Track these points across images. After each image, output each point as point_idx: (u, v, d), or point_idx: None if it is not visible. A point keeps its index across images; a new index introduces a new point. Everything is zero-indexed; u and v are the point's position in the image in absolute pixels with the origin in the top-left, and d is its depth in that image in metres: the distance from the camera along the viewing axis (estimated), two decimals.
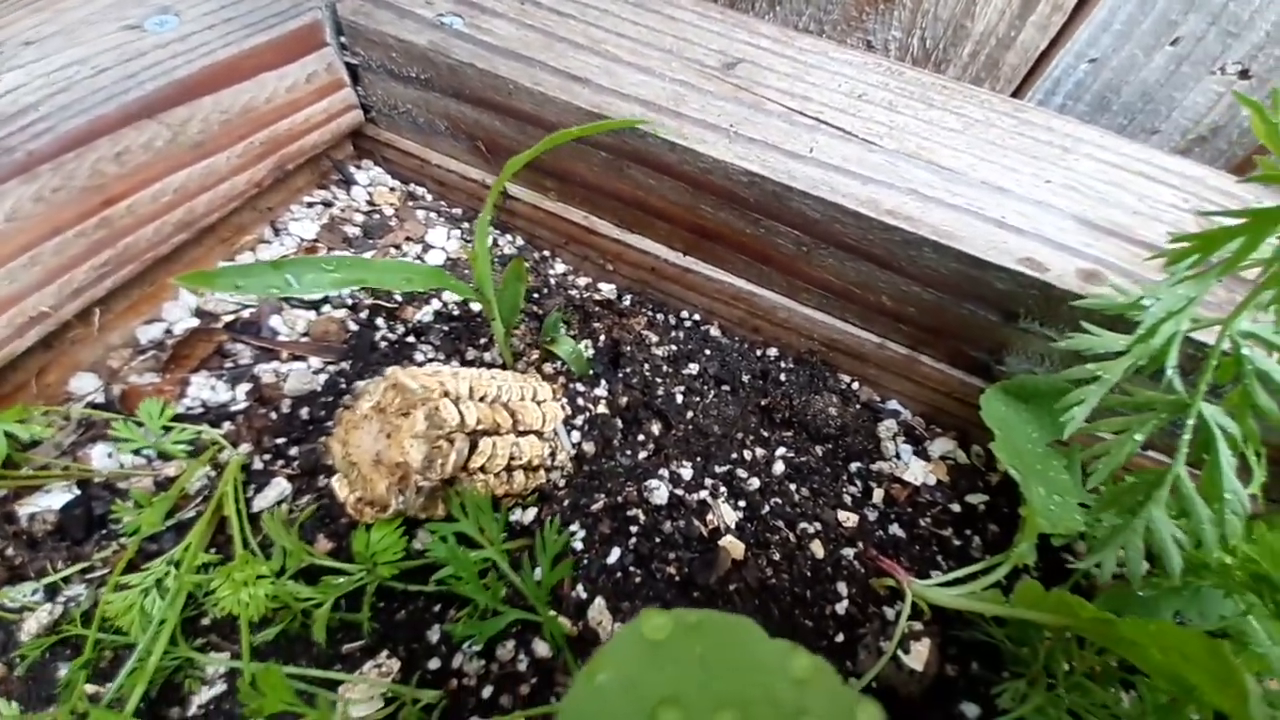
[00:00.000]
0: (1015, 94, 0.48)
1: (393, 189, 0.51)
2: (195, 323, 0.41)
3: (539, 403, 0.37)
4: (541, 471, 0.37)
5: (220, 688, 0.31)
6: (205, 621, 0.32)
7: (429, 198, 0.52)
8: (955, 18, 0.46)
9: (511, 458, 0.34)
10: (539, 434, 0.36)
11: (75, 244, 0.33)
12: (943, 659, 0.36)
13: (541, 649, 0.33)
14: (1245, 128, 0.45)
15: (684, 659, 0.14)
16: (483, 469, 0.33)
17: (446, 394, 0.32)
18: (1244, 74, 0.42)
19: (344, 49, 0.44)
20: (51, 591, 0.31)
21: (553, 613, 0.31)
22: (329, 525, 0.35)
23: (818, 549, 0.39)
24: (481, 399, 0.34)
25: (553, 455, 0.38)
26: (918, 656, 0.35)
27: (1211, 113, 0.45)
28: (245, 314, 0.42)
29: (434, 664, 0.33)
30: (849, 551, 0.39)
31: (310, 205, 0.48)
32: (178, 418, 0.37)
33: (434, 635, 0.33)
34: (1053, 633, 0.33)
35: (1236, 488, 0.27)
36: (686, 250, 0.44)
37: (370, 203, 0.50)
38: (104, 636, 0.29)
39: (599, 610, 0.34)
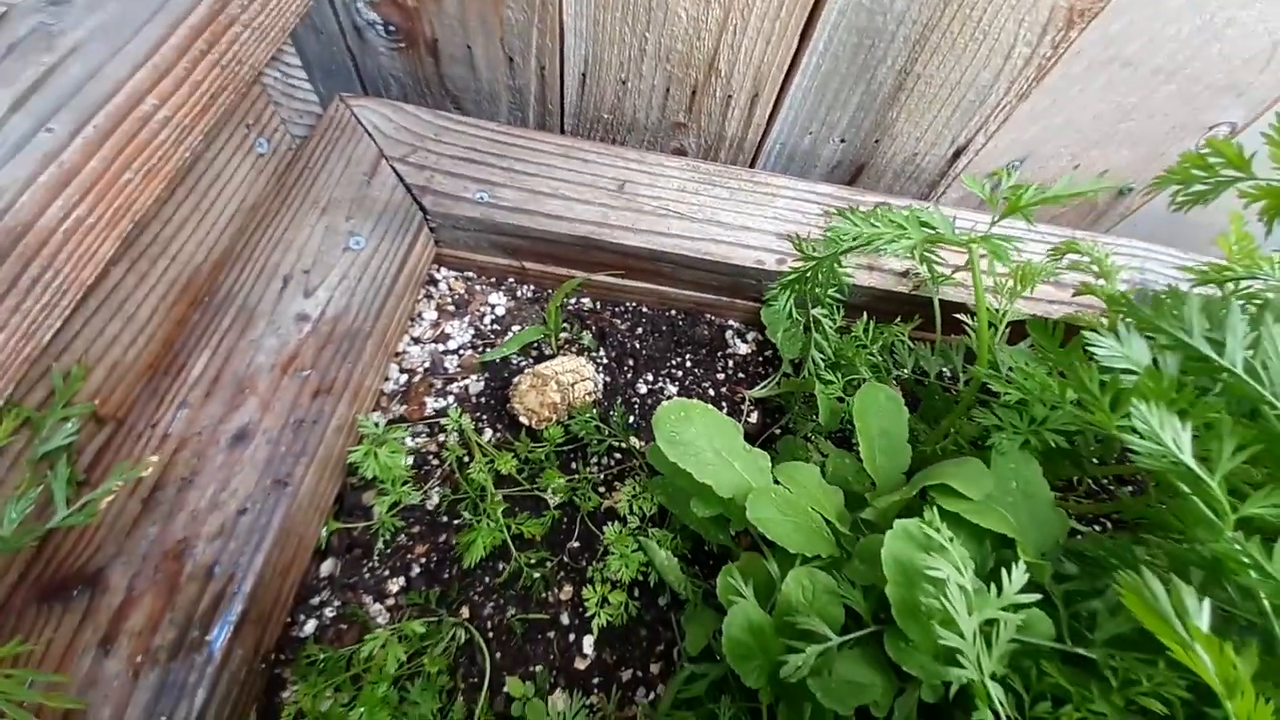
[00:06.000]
0: (754, 159, 0.99)
1: (457, 276, 0.94)
2: (405, 376, 0.85)
3: (583, 368, 0.87)
4: (593, 394, 0.87)
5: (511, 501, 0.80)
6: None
7: (474, 275, 0.95)
8: (719, 130, 0.95)
9: (585, 391, 0.84)
10: (589, 380, 0.86)
11: (377, 382, 0.76)
12: (764, 415, 0.92)
13: (618, 455, 0.85)
14: (851, 160, 0.99)
15: (677, 414, 0.65)
16: (576, 397, 0.82)
17: (557, 374, 0.80)
18: (843, 140, 0.96)
19: (427, 221, 0.85)
20: (429, 491, 0.78)
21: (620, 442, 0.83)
22: (516, 434, 0.84)
23: (712, 392, 0.93)
24: (567, 373, 0.82)
25: (595, 386, 0.88)
26: (754, 416, 0.92)
27: (835, 156, 0.98)
28: (428, 364, 0.86)
29: (575, 467, 0.84)
30: (724, 389, 0.94)
31: (418, 300, 0.91)
32: (430, 415, 0.82)
33: (574, 464, 0.84)
34: (797, 393, 0.90)
35: (827, 354, 0.83)
36: (624, 277, 0.93)
37: (450, 288, 0.93)
38: (467, 492, 0.77)
39: (635, 436, 0.87)
